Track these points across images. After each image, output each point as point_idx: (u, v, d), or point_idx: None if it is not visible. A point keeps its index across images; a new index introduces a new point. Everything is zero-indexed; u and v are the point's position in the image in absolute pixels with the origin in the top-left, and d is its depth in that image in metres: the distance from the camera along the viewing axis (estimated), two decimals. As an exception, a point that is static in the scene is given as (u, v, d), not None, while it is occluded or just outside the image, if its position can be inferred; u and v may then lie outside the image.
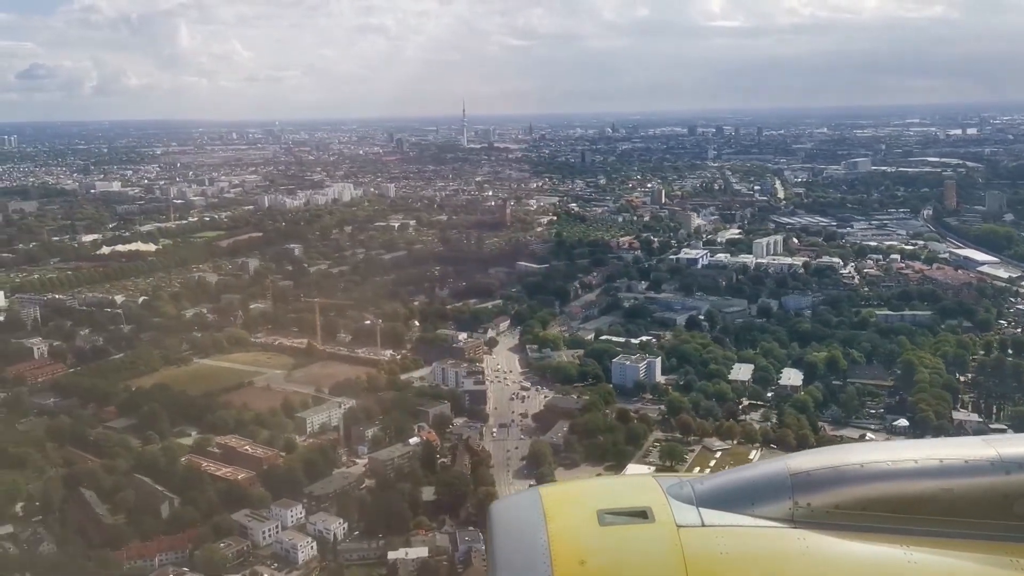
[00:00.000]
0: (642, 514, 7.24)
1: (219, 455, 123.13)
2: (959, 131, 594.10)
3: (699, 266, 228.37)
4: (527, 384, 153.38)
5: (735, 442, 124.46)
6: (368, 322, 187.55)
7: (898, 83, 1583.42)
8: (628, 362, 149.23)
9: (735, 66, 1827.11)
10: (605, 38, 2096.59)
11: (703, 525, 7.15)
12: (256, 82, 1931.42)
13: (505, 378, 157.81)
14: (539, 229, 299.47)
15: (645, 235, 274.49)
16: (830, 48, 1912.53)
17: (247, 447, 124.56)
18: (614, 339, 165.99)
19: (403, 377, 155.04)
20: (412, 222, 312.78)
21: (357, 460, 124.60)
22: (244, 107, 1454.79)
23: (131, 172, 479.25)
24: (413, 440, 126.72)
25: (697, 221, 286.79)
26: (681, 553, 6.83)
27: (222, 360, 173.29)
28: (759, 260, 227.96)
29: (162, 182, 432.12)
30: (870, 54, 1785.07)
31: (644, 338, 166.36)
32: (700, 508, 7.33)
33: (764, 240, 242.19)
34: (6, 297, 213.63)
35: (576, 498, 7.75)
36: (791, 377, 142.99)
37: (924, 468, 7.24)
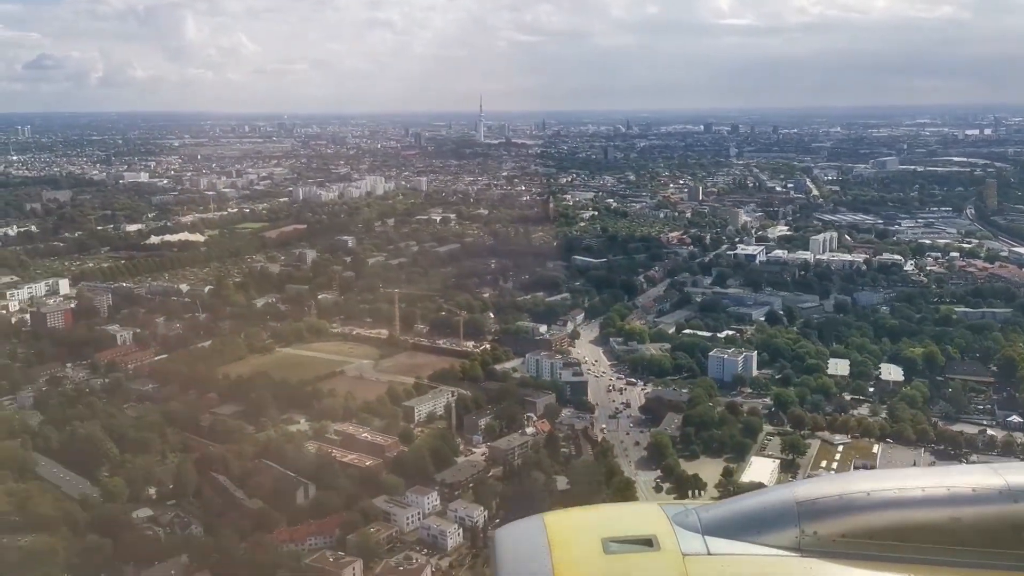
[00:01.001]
0: (647, 542, 7.22)
1: (338, 442, 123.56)
2: (976, 131, 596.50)
3: (757, 262, 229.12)
4: (620, 376, 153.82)
5: (850, 437, 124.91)
6: (443, 313, 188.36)
7: (906, 83, 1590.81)
8: (726, 356, 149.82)
9: (743, 65, 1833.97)
10: (614, 35, 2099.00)
11: (709, 554, 7.14)
12: (263, 75, 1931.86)
13: (591, 369, 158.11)
14: (582, 224, 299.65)
15: (692, 231, 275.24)
16: (838, 48, 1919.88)
17: (365, 434, 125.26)
18: (700, 333, 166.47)
19: (496, 368, 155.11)
20: (452, 216, 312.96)
21: (474, 449, 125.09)
22: (251, 100, 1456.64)
23: (153, 163, 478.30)
24: (529, 430, 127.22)
25: (744, 218, 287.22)
26: None
27: (303, 349, 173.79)
28: (818, 256, 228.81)
29: (189, 173, 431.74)
30: (878, 54, 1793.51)
31: (727, 332, 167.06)
32: (706, 536, 7.32)
33: (820, 237, 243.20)
34: (71, 285, 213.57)
35: (581, 526, 7.73)
36: (891, 372, 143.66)
37: (931, 496, 7.19)
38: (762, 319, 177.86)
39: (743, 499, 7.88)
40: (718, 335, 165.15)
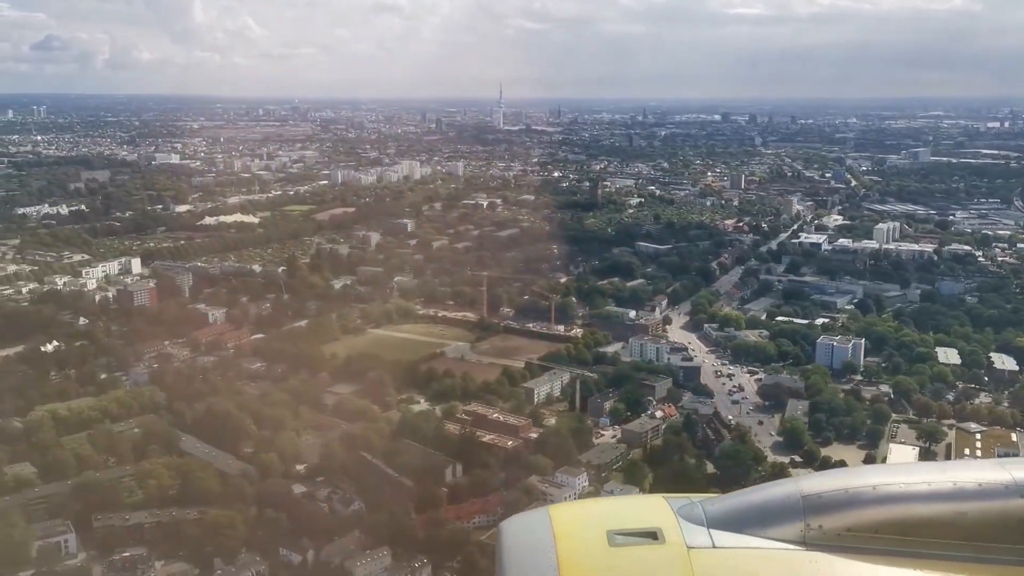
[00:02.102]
0: (652, 535, 7.22)
1: (470, 422, 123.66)
2: (996, 124, 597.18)
3: (823, 250, 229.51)
4: (723, 362, 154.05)
5: (984, 425, 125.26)
6: (526, 297, 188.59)
7: (916, 75, 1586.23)
8: (835, 343, 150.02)
9: (753, 55, 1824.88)
10: (622, 23, 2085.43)
11: (714, 547, 7.14)
12: (270, 59, 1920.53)
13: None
14: (630, 210, 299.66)
15: (746, 219, 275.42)
16: (848, 39, 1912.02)
17: (496, 415, 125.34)
18: (796, 320, 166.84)
19: (600, 352, 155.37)
20: (498, 201, 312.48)
21: (603, 431, 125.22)
22: (258, 84, 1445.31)
23: (179, 145, 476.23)
24: (658, 414, 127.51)
25: (796, 206, 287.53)
26: (691, 574, 6.84)
27: (393, 330, 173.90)
28: (885, 246, 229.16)
29: (219, 156, 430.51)
30: (888, 46, 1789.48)
31: (821, 320, 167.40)
32: (711, 529, 7.32)
33: (884, 226, 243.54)
34: (143, 264, 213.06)
35: (586, 518, 7.76)
36: (1004, 362, 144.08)
37: (937, 491, 7.19)
38: (847, 307, 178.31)
39: (748, 492, 7.88)
40: (814, 322, 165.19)
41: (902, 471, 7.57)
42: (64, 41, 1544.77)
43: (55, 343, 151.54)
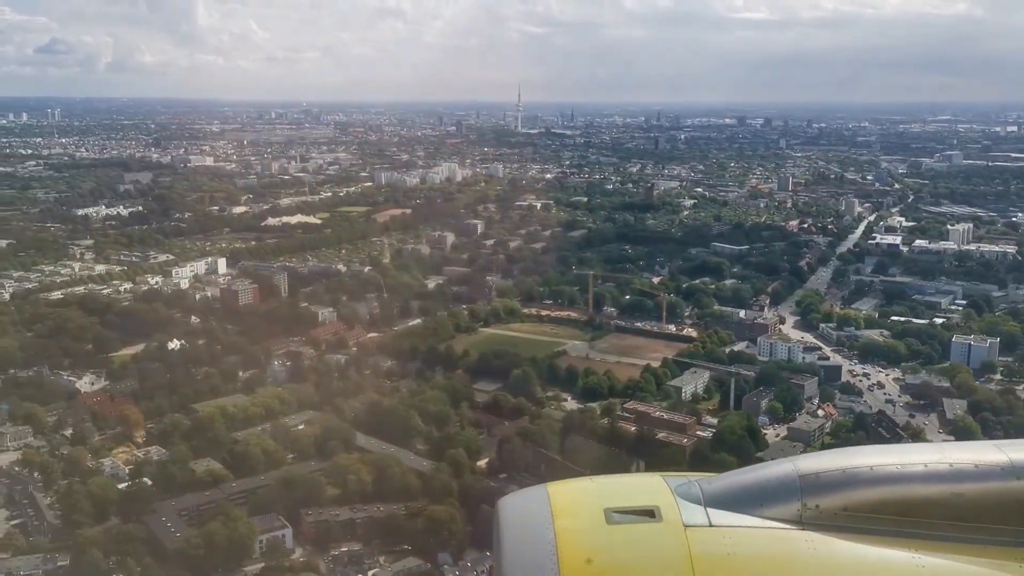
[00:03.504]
0: (650, 513, 7.25)
1: (633, 419, 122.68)
2: (1015, 128, 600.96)
3: (903, 251, 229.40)
4: (851, 360, 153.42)
5: None
6: (627, 296, 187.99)
7: (921, 80, 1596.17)
8: (972, 342, 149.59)
9: (758, 59, 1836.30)
10: (625, 27, 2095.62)
11: (711, 525, 7.17)
12: (274, 63, 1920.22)
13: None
14: (685, 212, 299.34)
15: (808, 220, 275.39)
16: (853, 43, 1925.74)
17: (659, 413, 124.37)
18: (914, 320, 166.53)
19: (733, 350, 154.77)
20: (551, 202, 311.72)
21: (765, 430, 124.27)
22: (262, 87, 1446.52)
23: (207, 148, 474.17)
24: (820, 413, 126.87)
25: (857, 208, 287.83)
26: (688, 553, 6.86)
27: (503, 329, 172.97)
28: (964, 247, 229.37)
29: (252, 158, 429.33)
30: (893, 50, 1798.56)
31: (939, 319, 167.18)
32: (708, 508, 7.34)
33: (959, 227, 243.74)
34: (228, 265, 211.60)
35: (584, 496, 7.77)
36: None
37: (934, 472, 7.22)
38: (953, 307, 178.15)
39: (745, 472, 7.84)
40: (933, 322, 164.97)
41: (899, 452, 7.51)
42: (69, 44, 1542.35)
43: (179, 341, 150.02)
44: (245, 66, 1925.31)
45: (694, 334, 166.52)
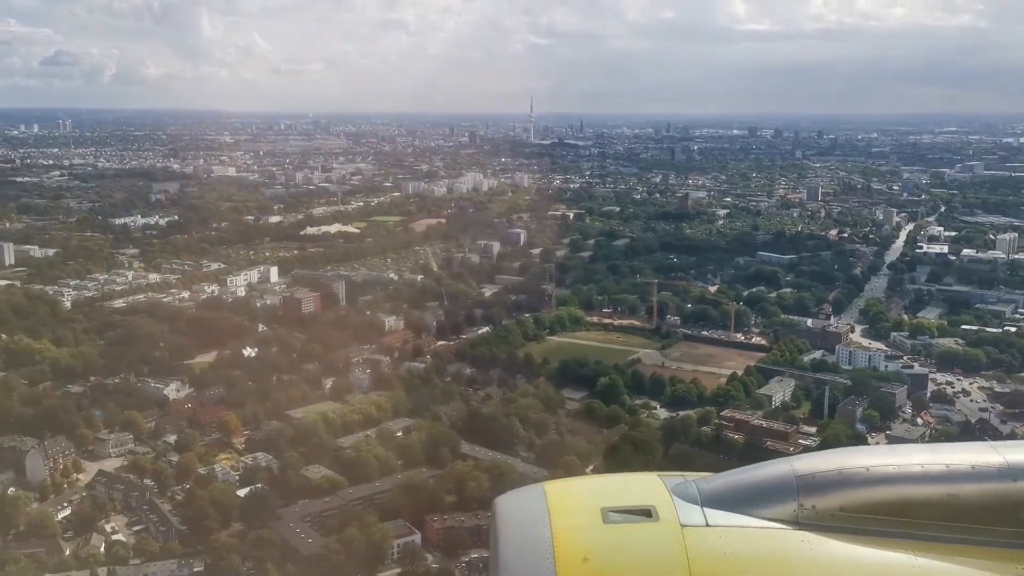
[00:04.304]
0: (646, 513, 7.20)
1: (732, 427, 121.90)
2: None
3: (953, 260, 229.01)
4: (930, 369, 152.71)
5: None
6: (689, 305, 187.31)
7: (925, 92, 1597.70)
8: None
9: (762, 70, 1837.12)
10: (630, 39, 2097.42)
11: (707, 525, 7.13)
12: (278, 75, 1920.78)
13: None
14: (720, 221, 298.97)
15: (847, 230, 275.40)
16: (856, 55, 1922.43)
17: (759, 421, 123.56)
18: (987, 329, 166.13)
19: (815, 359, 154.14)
20: (583, 212, 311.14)
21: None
22: (267, 99, 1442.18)
23: (225, 159, 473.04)
24: (919, 421, 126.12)
25: (896, 218, 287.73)
26: (684, 552, 6.83)
27: (570, 337, 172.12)
28: (1013, 256, 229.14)
29: (273, 168, 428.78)
30: (896, 61, 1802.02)
31: (1012, 328, 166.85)
32: (704, 508, 7.29)
33: (1006, 236, 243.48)
34: (279, 274, 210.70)
35: (580, 495, 7.77)
36: None
37: (930, 473, 7.20)
38: (1017, 315, 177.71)
39: (742, 472, 7.75)
40: (1007, 330, 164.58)
41: (896, 452, 7.52)
42: (74, 56, 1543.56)
43: (254, 349, 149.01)
44: (250, 78, 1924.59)
45: (763, 343, 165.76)
